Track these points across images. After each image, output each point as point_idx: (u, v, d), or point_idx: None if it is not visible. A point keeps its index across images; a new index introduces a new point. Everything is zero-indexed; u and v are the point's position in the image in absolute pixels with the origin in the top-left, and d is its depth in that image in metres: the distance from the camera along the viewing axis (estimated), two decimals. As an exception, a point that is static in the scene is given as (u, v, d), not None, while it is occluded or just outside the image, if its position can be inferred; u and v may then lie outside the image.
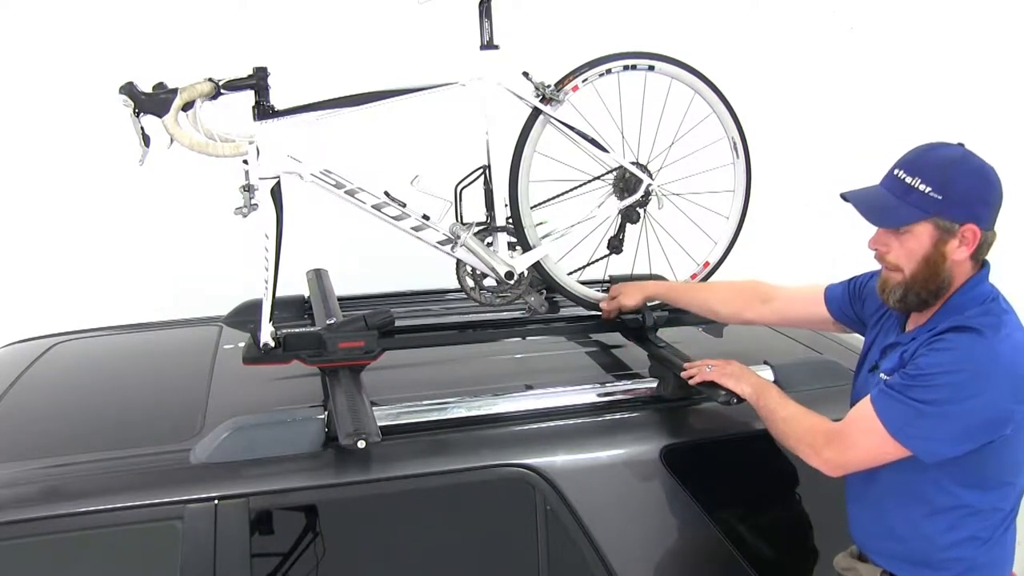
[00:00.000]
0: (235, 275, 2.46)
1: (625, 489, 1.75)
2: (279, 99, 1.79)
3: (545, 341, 2.20)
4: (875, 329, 1.66)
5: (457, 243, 1.95)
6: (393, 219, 1.90)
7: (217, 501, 1.56)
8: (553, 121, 2.00)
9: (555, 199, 2.08)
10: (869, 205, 1.49)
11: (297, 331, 1.85)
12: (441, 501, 1.69)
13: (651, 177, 2.10)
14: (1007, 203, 1.47)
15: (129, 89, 1.66)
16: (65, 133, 3.25)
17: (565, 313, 2.28)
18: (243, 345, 1.92)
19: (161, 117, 1.66)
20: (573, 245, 2.10)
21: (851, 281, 1.78)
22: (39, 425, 1.85)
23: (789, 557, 1.84)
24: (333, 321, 1.95)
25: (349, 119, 1.85)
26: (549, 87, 1.98)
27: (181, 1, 3.25)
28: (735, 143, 2.17)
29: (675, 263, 2.25)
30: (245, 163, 1.76)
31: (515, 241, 2.05)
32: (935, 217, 1.43)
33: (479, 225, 2.02)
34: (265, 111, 1.77)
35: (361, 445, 1.54)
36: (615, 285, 2.12)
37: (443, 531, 1.71)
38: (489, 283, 2.06)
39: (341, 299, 2.26)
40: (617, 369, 2.09)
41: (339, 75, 2.14)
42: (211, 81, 1.72)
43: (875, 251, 1.53)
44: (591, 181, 2.11)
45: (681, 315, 2.12)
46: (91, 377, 2.18)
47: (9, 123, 3.28)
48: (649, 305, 2.10)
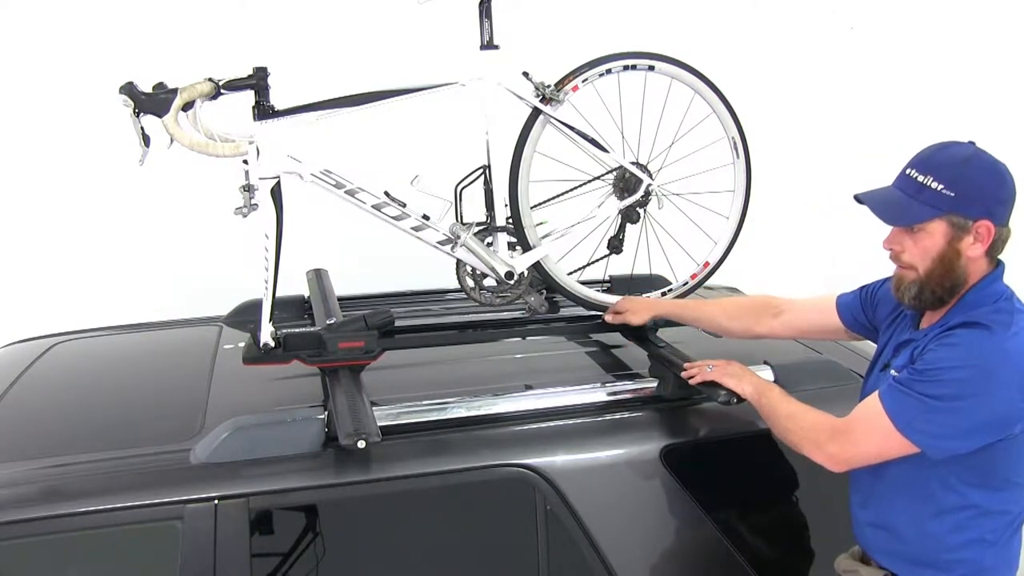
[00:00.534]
0: (235, 275, 2.46)
1: (625, 489, 1.75)
2: (279, 99, 1.79)
3: (545, 341, 2.20)
4: (889, 330, 1.66)
5: (457, 243, 1.95)
6: (393, 219, 1.90)
7: (217, 501, 1.56)
8: (553, 121, 2.00)
9: (555, 199, 2.08)
10: (883, 205, 1.49)
11: (297, 331, 1.85)
12: (441, 501, 1.69)
13: (651, 177, 2.10)
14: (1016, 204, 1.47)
15: (129, 89, 1.66)
16: (65, 133, 3.25)
17: (565, 313, 2.28)
18: (243, 345, 1.92)
19: (161, 117, 1.66)
20: (573, 245, 2.11)
21: (862, 289, 1.78)
22: (39, 425, 1.85)
23: (789, 557, 1.84)
24: (333, 321, 1.95)
25: (349, 119, 1.85)
26: (549, 87, 1.98)
27: (181, 1, 3.26)
28: (735, 143, 2.17)
29: (675, 263, 2.25)
30: (245, 163, 1.76)
31: (515, 241, 2.05)
32: (949, 214, 1.43)
33: (479, 225, 2.02)
34: (265, 111, 1.77)
35: (361, 445, 1.54)
36: (622, 299, 2.11)
37: (443, 531, 1.71)
38: (489, 283, 2.06)
39: (341, 299, 2.26)
40: (617, 369, 2.09)
41: (339, 75, 2.14)
42: (211, 81, 1.73)
43: (889, 251, 1.53)
44: (591, 181, 2.11)
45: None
46: (91, 377, 2.18)
47: (9, 123, 3.28)
48: None
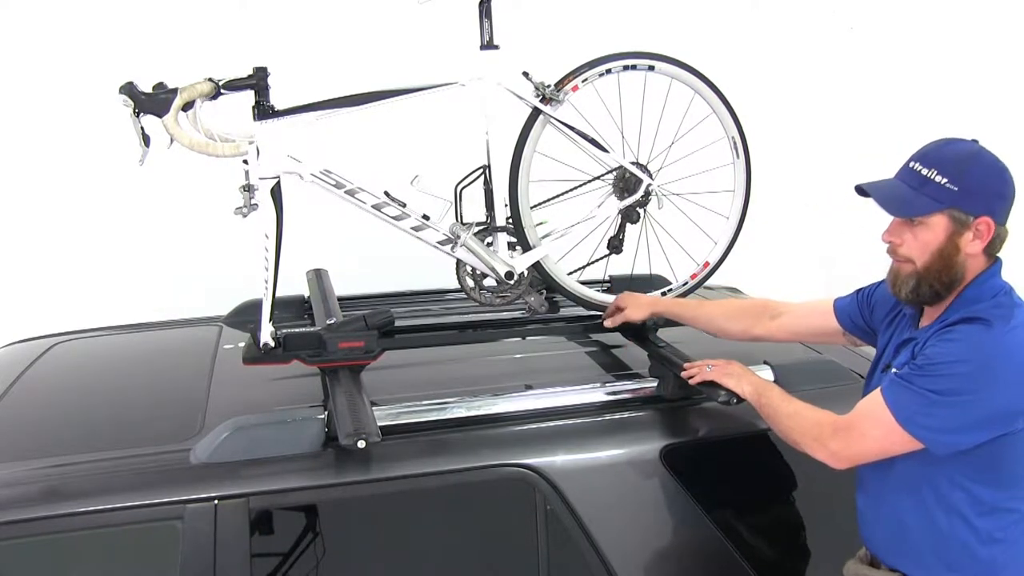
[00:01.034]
0: (235, 275, 2.46)
1: (625, 489, 1.75)
2: (279, 99, 1.79)
3: (545, 341, 2.20)
4: (888, 331, 1.66)
5: (457, 243, 1.95)
6: (393, 219, 1.90)
7: (217, 501, 1.56)
8: (553, 121, 2.00)
9: (555, 199, 2.08)
10: (886, 195, 1.49)
11: (297, 331, 1.85)
12: (441, 501, 1.69)
13: (651, 177, 2.10)
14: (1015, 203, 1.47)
15: (129, 89, 1.66)
16: (65, 133, 3.25)
17: (565, 313, 2.28)
18: (243, 345, 1.92)
19: (161, 117, 1.66)
20: (573, 245, 2.11)
21: (859, 292, 1.78)
22: (39, 425, 1.85)
23: (789, 557, 1.84)
24: (333, 321, 1.95)
25: (349, 119, 1.85)
26: (549, 87, 1.98)
27: (181, 1, 3.26)
28: (735, 143, 2.17)
29: (675, 263, 2.25)
30: (245, 163, 1.76)
31: (515, 241, 2.05)
32: (951, 208, 1.44)
33: (479, 225, 2.02)
34: (265, 111, 1.77)
35: (361, 445, 1.54)
36: (621, 296, 2.10)
37: (443, 531, 1.71)
38: (489, 283, 2.06)
39: (341, 299, 2.26)
40: (617, 369, 2.09)
41: (339, 75, 2.14)
42: (211, 81, 1.73)
43: (888, 243, 1.53)
44: (591, 181, 2.11)
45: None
46: (91, 377, 2.18)
47: (9, 123, 3.28)
48: None
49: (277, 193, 1.78)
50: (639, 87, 2.07)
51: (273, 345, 1.81)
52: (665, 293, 2.25)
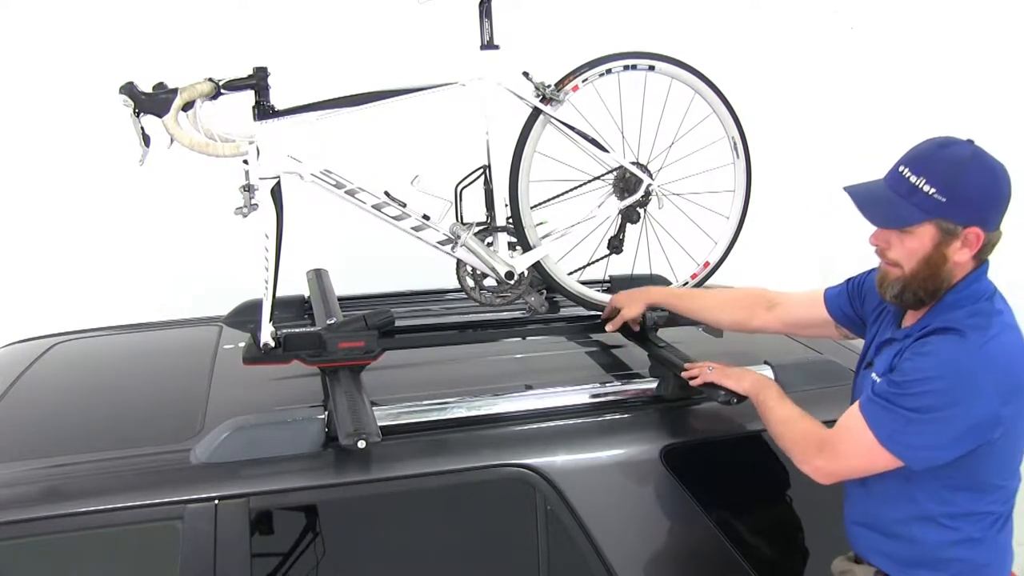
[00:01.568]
0: (235, 275, 2.46)
1: (625, 489, 1.75)
2: (279, 99, 1.79)
3: (545, 341, 2.20)
4: (875, 326, 1.65)
5: (457, 243, 1.95)
6: (393, 219, 1.90)
7: (217, 501, 1.56)
8: (553, 121, 2.00)
9: (555, 199, 2.08)
10: (871, 203, 1.46)
11: (297, 331, 1.85)
12: (441, 501, 1.69)
13: (651, 177, 2.10)
14: (1012, 203, 1.46)
15: (129, 89, 1.66)
16: (65, 133, 3.25)
17: (565, 313, 2.28)
18: (243, 345, 1.92)
19: (161, 117, 1.66)
20: (573, 245, 2.10)
21: (849, 281, 1.77)
22: (39, 425, 1.85)
23: (789, 557, 1.84)
24: (333, 321, 1.95)
25: (349, 119, 1.85)
26: (549, 87, 1.98)
27: (181, 1, 3.25)
28: (735, 143, 2.17)
29: (675, 263, 2.25)
30: (245, 163, 1.76)
31: (515, 241, 2.05)
32: (939, 219, 1.40)
33: (479, 225, 2.02)
34: (265, 111, 1.77)
35: (361, 445, 1.54)
36: (615, 296, 2.08)
37: (443, 531, 1.71)
38: (489, 283, 2.06)
39: (341, 299, 2.26)
40: (617, 369, 2.09)
41: (339, 75, 2.14)
42: (211, 81, 1.73)
43: (875, 247, 1.51)
44: (591, 181, 2.10)
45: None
46: (91, 377, 2.18)
47: (9, 123, 3.28)
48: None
49: (277, 193, 1.78)
50: (639, 87, 2.07)
51: (273, 345, 1.81)
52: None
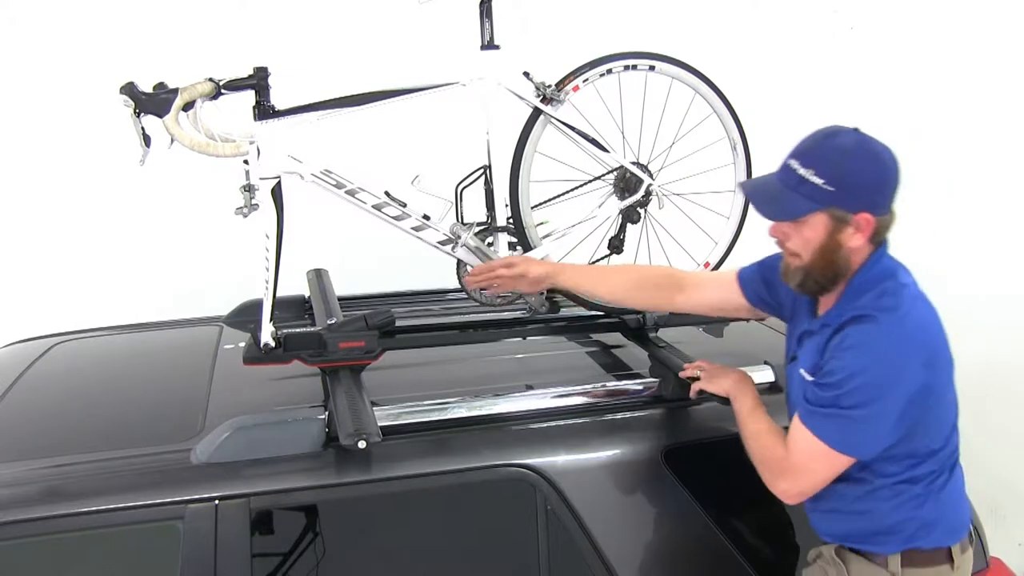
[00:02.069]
0: (235, 275, 2.46)
1: (625, 489, 1.75)
2: (279, 99, 1.79)
3: (545, 341, 2.20)
4: (794, 317, 1.67)
5: (457, 243, 1.95)
6: (393, 219, 1.90)
7: (218, 501, 1.56)
8: (554, 121, 2.00)
9: (556, 199, 2.08)
10: (763, 197, 1.51)
11: (297, 331, 1.85)
12: (441, 501, 1.69)
13: (652, 177, 2.10)
14: (1009, 199, 1.46)
15: (129, 89, 1.66)
16: (65, 133, 3.24)
17: (565, 313, 2.28)
18: (243, 345, 1.92)
19: (161, 117, 1.66)
20: (574, 245, 2.10)
21: (762, 265, 1.75)
22: (39, 425, 1.85)
23: (789, 557, 1.84)
24: (333, 321, 1.94)
25: (349, 119, 1.85)
26: (550, 87, 1.98)
27: (181, 1, 3.25)
28: (735, 143, 2.17)
29: (675, 263, 2.24)
30: (245, 163, 1.76)
31: (516, 241, 2.05)
32: (829, 208, 1.44)
33: (479, 225, 2.02)
34: (265, 111, 1.77)
35: (362, 445, 1.54)
36: (517, 258, 1.89)
37: (444, 531, 1.71)
38: (489, 283, 2.05)
39: (341, 299, 2.26)
40: (617, 369, 2.09)
41: (339, 75, 2.14)
42: (211, 81, 1.72)
43: (775, 239, 1.55)
44: (592, 181, 2.10)
45: (682, 315, 2.12)
46: (91, 377, 2.18)
47: (9, 123, 3.28)
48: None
49: (277, 193, 1.78)
50: (640, 87, 2.07)
51: (273, 345, 1.81)
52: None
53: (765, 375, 1.90)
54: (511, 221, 2.01)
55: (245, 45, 3.02)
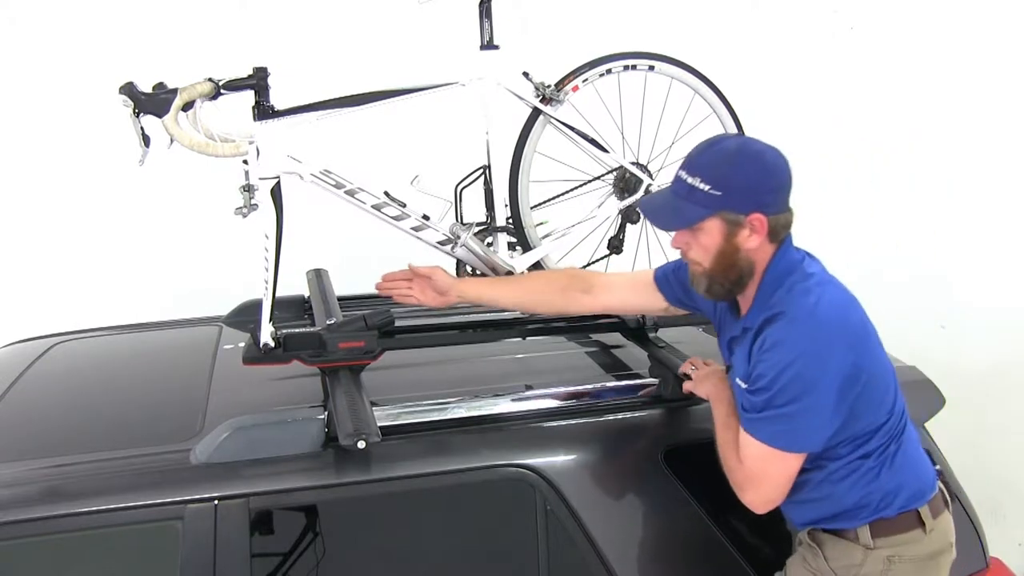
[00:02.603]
0: (235, 275, 2.46)
1: (625, 490, 1.75)
2: (279, 99, 1.79)
3: (545, 341, 2.20)
4: (720, 322, 1.69)
5: (457, 243, 1.95)
6: (393, 219, 1.90)
7: (217, 501, 1.56)
8: (553, 121, 2.00)
9: (555, 199, 2.08)
10: (656, 209, 1.55)
11: (297, 331, 1.85)
12: (441, 501, 1.69)
13: (651, 177, 2.10)
14: (1009, 199, 1.46)
15: (129, 89, 1.66)
16: (65, 133, 3.25)
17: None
18: (243, 345, 1.92)
19: (161, 117, 1.66)
20: (573, 245, 2.10)
21: (680, 267, 1.74)
22: (39, 425, 1.85)
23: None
24: (333, 321, 1.95)
25: (349, 119, 1.85)
26: (549, 87, 1.98)
27: (181, 1, 3.25)
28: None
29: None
30: (245, 163, 1.76)
31: (515, 241, 2.05)
32: (720, 212, 1.46)
33: (479, 225, 2.02)
34: (265, 111, 1.77)
35: (361, 445, 1.54)
36: (433, 269, 1.85)
37: (443, 531, 1.71)
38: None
39: (341, 299, 2.26)
40: (617, 369, 2.09)
41: (339, 75, 2.14)
42: (211, 81, 1.72)
43: (678, 249, 1.58)
44: (591, 181, 2.11)
45: (682, 315, 2.12)
46: (91, 377, 2.18)
47: (9, 123, 3.28)
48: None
49: (277, 193, 1.78)
50: (639, 87, 2.07)
51: (273, 345, 1.81)
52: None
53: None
54: (510, 221, 2.02)
55: (245, 45, 3.03)
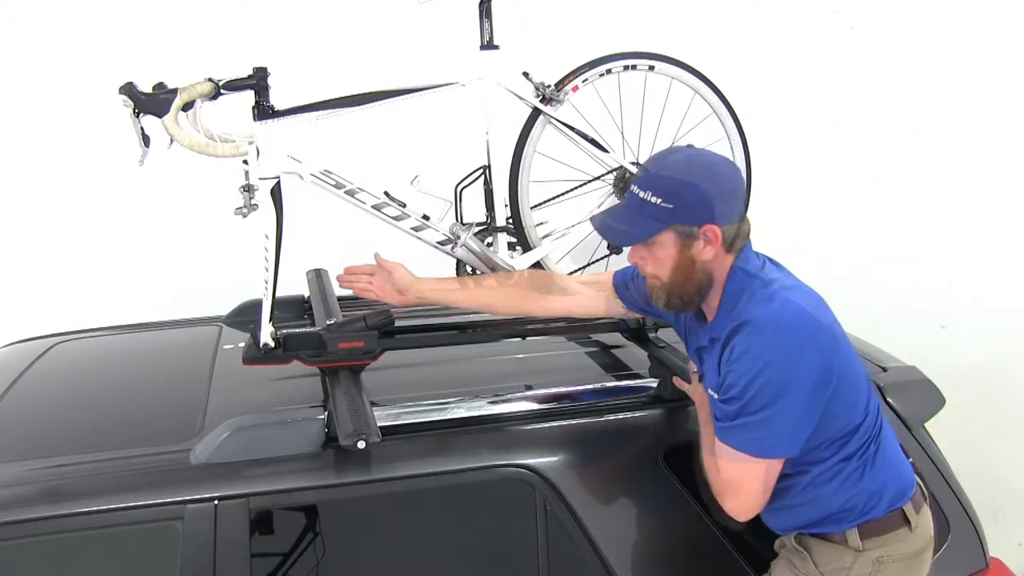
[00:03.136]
0: (235, 275, 2.46)
1: (625, 490, 1.75)
2: (279, 99, 1.79)
3: (545, 341, 2.20)
4: (686, 331, 1.68)
5: (457, 243, 1.95)
6: (393, 219, 1.90)
7: (217, 501, 1.56)
8: (553, 121, 2.00)
9: (555, 199, 2.08)
10: (610, 226, 1.53)
11: (297, 331, 1.85)
12: (441, 501, 1.69)
13: (651, 177, 2.10)
14: (1010, 199, 1.46)
15: (129, 89, 1.66)
16: (65, 133, 3.24)
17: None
18: (243, 345, 1.92)
19: (161, 117, 1.66)
20: (573, 245, 2.10)
21: (639, 275, 1.73)
22: (39, 425, 1.85)
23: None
24: (333, 321, 1.95)
25: (349, 119, 1.85)
26: (549, 87, 1.98)
27: (181, 1, 3.25)
28: (735, 143, 2.17)
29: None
30: (245, 163, 1.76)
31: (515, 241, 2.05)
32: (674, 225, 1.46)
33: (479, 225, 2.02)
34: (265, 111, 1.77)
35: (361, 445, 1.54)
36: (396, 265, 1.86)
37: (443, 531, 1.71)
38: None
39: (341, 299, 2.26)
40: (617, 369, 2.09)
41: (339, 75, 2.14)
42: (211, 81, 1.72)
43: (635, 265, 1.58)
44: (591, 181, 2.11)
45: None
46: (91, 377, 2.18)
47: (9, 123, 3.28)
48: None
49: (277, 193, 1.78)
50: (639, 87, 2.07)
51: (273, 345, 1.81)
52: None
53: None
54: (511, 221, 2.02)
55: (245, 45, 3.02)
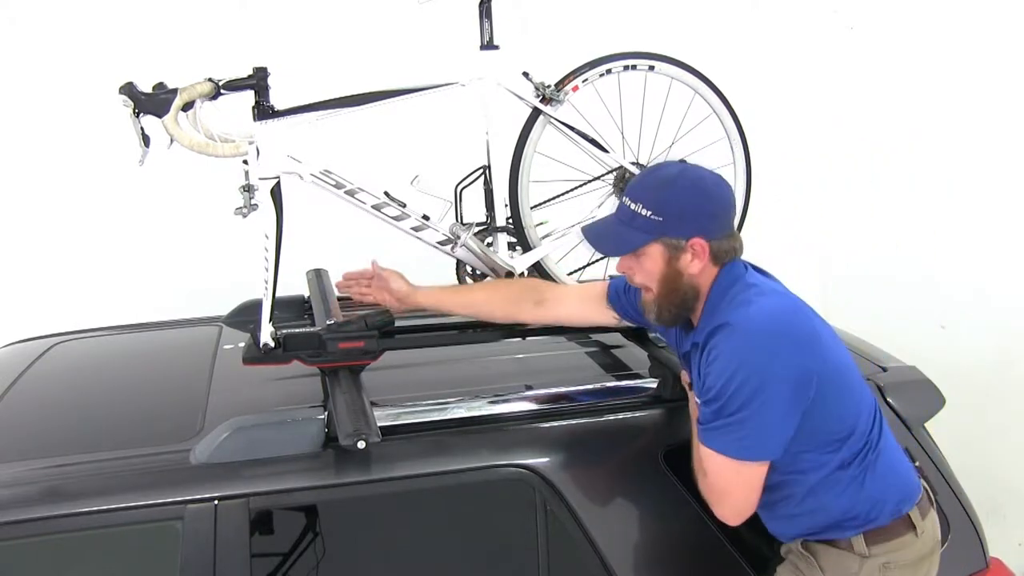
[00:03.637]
0: (235, 275, 2.46)
1: (625, 490, 1.75)
2: (279, 99, 1.79)
3: (545, 341, 2.19)
4: (674, 335, 1.69)
5: (457, 243, 1.95)
6: (393, 219, 1.90)
7: (217, 501, 1.56)
8: (553, 121, 2.00)
9: (555, 199, 2.08)
10: (600, 236, 1.57)
11: (297, 331, 1.85)
12: (441, 501, 1.69)
13: (651, 177, 2.10)
14: (1010, 199, 1.46)
15: (129, 89, 1.66)
16: (65, 133, 3.24)
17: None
18: (243, 345, 1.92)
19: (161, 117, 1.66)
20: (573, 245, 2.10)
21: (632, 289, 1.75)
22: (39, 425, 1.85)
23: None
24: (333, 321, 1.94)
25: (349, 119, 1.85)
26: (549, 87, 1.98)
27: (181, 1, 3.25)
28: (735, 143, 2.17)
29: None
30: (245, 163, 1.76)
31: (515, 241, 2.05)
32: (662, 237, 1.49)
33: (479, 225, 2.02)
34: (265, 111, 1.77)
35: (361, 445, 1.54)
36: (394, 276, 1.93)
37: (443, 531, 1.71)
38: (489, 283, 2.06)
39: (341, 299, 2.26)
40: (617, 369, 2.09)
41: (339, 75, 2.14)
42: (211, 81, 1.72)
43: (625, 275, 1.59)
44: (591, 181, 2.11)
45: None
46: (91, 377, 2.18)
47: (9, 123, 3.28)
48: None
49: (277, 193, 1.77)
50: (639, 87, 2.07)
51: (273, 345, 1.81)
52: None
53: None
54: (511, 221, 2.02)
55: (245, 45, 3.02)
